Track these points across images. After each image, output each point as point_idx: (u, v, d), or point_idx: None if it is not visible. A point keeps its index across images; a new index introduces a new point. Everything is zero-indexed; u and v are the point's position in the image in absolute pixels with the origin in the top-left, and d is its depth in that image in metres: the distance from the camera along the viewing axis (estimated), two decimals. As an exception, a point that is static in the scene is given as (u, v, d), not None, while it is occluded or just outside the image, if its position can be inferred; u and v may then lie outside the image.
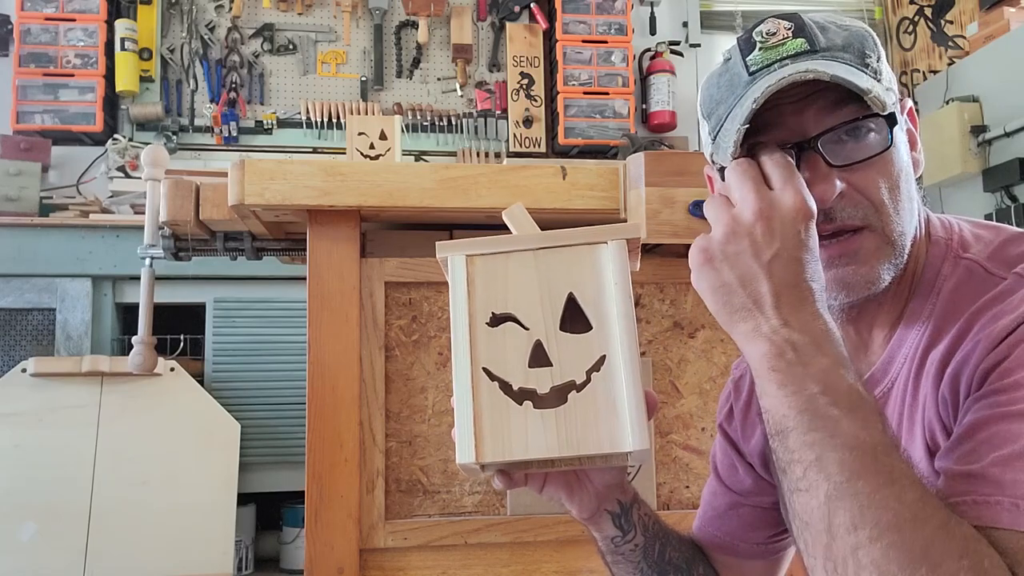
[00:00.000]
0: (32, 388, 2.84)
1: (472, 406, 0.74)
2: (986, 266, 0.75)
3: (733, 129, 0.74)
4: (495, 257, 0.78)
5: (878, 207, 0.74)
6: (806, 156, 0.74)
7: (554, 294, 0.77)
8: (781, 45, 0.75)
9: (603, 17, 3.99)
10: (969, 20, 4.06)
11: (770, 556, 1.01)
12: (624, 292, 0.77)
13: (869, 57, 0.75)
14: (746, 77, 0.76)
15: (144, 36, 3.72)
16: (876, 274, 0.75)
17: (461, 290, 0.77)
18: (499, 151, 3.98)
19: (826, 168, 0.73)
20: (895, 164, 0.75)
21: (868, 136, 0.74)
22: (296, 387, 3.13)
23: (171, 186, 1.47)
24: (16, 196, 3.23)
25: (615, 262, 0.77)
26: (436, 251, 0.78)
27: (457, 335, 0.76)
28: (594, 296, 0.77)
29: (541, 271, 0.78)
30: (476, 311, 0.77)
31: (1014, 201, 3.25)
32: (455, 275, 0.77)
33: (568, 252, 0.78)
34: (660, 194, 1.30)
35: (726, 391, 1.02)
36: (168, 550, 2.76)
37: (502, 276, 0.78)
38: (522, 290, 0.77)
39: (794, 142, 0.74)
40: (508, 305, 0.77)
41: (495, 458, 0.72)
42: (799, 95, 0.74)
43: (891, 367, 0.79)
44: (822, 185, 0.73)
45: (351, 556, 1.30)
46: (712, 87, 0.81)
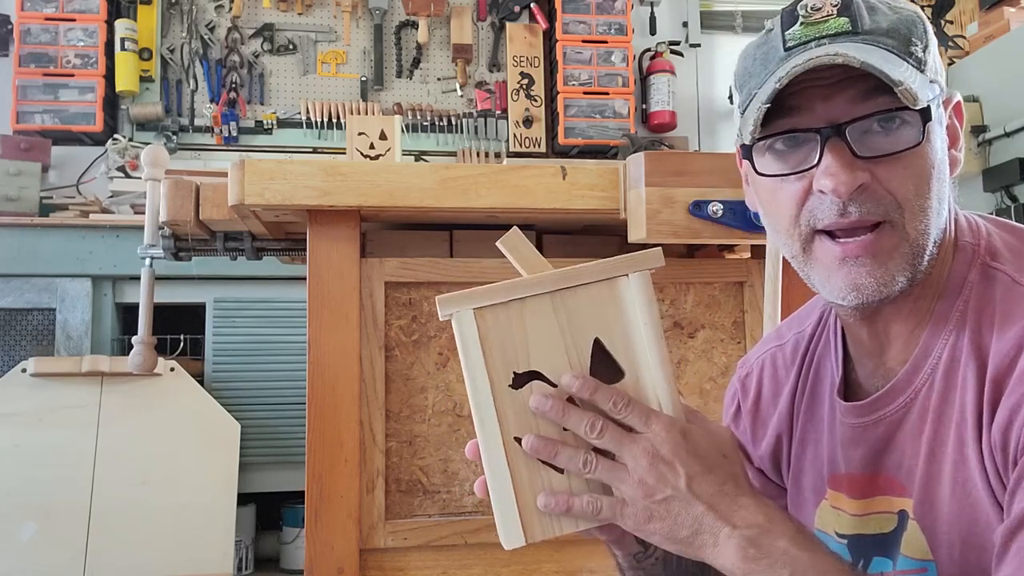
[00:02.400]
0: (32, 388, 2.84)
1: (511, 483, 0.68)
2: (1015, 277, 0.72)
3: (755, 108, 0.71)
4: (508, 307, 0.70)
5: (902, 204, 0.71)
6: (832, 143, 0.70)
7: (579, 342, 0.70)
8: (823, 22, 0.71)
9: (603, 17, 3.99)
10: (969, 20, 4.06)
11: None
12: (655, 331, 0.70)
13: (915, 45, 0.71)
14: (781, 52, 0.72)
15: (144, 36, 3.72)
16: (890, 276, 0.72)
17: (475, 351, 0.69)
18: (499, 151, 3.98)
19: (850, 158, 0.70)
20: (926, 161, 0.71)
21: (900, 129, 0.70)
22: (296, 387, 3.13)
23: (171, 186, 1.47)
24: (16, 196, 3.23)
25: (640, 297, 0.71)
26: (438, 307, 0.70)
27: (479, 402, 0.69)
28: (622, 338, 0.71)
29: (561, 317, 0.70)
30: (496, 373, 0.69)
31: (1014, 201, 3.25)
32: (465, 334, 0.69)
33: (587, 291, 0.71)
34: (660, 194, 1.30)
35: (732, 390, 0.98)
36: (168, 550, 2.76)
37: (519, 329, 0.70)
38: (543, 342, 0.70)
39: (820, 127, 0.71)
40: (531, 362, 0.70)
41: (545, 536, 0.69)
42: (833, 78, 0.70)
43: (916, 377, 0.76)
44: (842, 175, 0.69)
45: (351, 556, 1.30)
46: (748, 58, 0.77)
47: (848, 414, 0.82)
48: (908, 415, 0.76)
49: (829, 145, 0.70)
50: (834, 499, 0.85)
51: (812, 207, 0.73)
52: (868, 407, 0.79)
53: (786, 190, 0.74)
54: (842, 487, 0.83)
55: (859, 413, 0.80)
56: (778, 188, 0.75)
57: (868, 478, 0.80)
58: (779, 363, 0.93)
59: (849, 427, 0.82)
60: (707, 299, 1.46)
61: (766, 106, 0.70)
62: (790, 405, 0.90)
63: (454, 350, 1.43)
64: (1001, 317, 0.70)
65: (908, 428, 0.76)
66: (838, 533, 0.85)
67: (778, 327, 0.98)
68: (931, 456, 0.74)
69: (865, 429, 0.80)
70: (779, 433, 0.92)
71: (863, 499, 0.81)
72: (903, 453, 0.77)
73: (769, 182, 0.76)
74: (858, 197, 0.70)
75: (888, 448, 0.78)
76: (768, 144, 0.74)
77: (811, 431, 0.88)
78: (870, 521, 0.81)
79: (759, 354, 0.96)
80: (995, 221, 0.79)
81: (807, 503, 0.89)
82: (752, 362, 0.97)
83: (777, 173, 0.74)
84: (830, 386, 0.86)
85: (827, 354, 0.88)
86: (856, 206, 0.70)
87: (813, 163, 0.71)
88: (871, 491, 0.80)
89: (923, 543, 0.74)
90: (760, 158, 0.76)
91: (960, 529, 0.71)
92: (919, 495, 0.75)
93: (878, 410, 0.78)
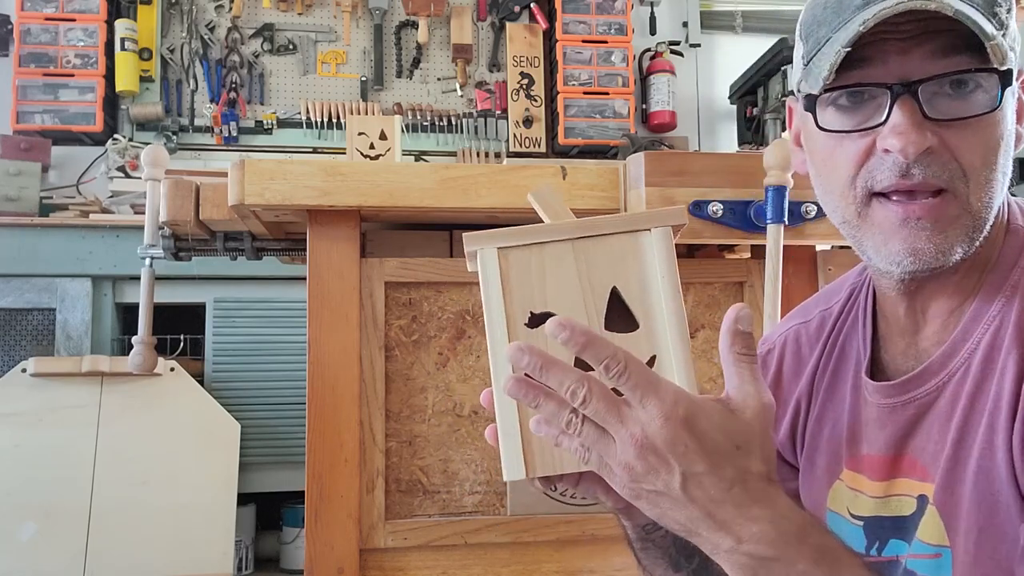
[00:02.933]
0: (32, 388, 2.84)
1: (517, 417, 0.68)
2: None
3: (831, 52, 0.67)
4: (529, 249, 0.70)
5: (968, 172, 0.67)
6: (902, 101, 0.66)
7: (596, 289, 0.70)
8: None
9: (603, 17, 3.99)
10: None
11: None
12: (673, 286, 0.70)
13: (999, 6, 0.68)
14: (858, 0, 0.68)
15: (144, 36, 3.72)
16: (949, 245, 0.68)
17: (495, 289, 0.70)
18: (499, 151, 3.98)
19: (920, 118, 0.66)
20: (997, 130, 0.68)
21: (975, 93, 0.67)
22: (296, 387, 3.13)
23: (171, 186, 1.47)
24: (16, 196, 3.23)
25: (661, 252, 0.70)
26: (464, 244, 0.70)
27: (494, 338, 0.69)
28: (639, 290, 0.70)
29: (580, 264, 0.71)
30: (513, 311, 0.70)
31: (1014, 201, 3.25)
32: (487, 272, 0.70)
33: (608, 241, 0.71)
34: (660, 194, 1.30)
35: None
36: (168, 550, 2.76)
37: (538, 271, 0.71)
38: (561, 286, 0.70)
39: (891, 83, 0.67)
40: (547, 303, 0.70)
41: (546, 472, 0.68)
42: (909, 33, 0.67)
43: (951, 360, 0.73)
44: (912, 135, 0.66)
45: (351, 556, 1.30)
46: (817, 7, 0.72)
47: (876, 394, 0.79)
48: (939, 399, 0.74)
49: (899, 103, 0.67)
50: (852, 480, 0.83)
51: (872, 167, 0.70)
52: (899, 388, 0.77)
53: (845, 148, 0.71)
54: (862, 468, 0.82)
55: (889, 393, 0.78)
56: (836, 146, 0.72)
57: (892, 460, 0.78)
58: (803, 340, 0.91)
59: (876, 407, 0.80)
60: (707, 299, 1.46)
61: (846, 49, 0.65)
62: (810, 382, 0.88)
63: (454, 350, 1.43)
64: None
65: (938, 412, 0.74)
66: (852, 514, 0.83)
67: (804, 304, 0.96)
68: (959, 442, 0.71)
69: (893, 410, 0.78)
70: (797, 411, 0.90)
71: (884, 481, 0.79)
72: (929, 437, 0.75)
73: (827, 139, 0.72)
74: (923, 160, 0.67)
75: (915, 431, 0.76)
76: (832, 99, 0.71)
77: (830, 409, 0.86)
78: (889, 503, 0.79)
79: (782, 331, 0.94)
80: None
81: (820, 482, 0.87)
82: (774, 339, 0.94)
83: (840, 129, 0.71)
84: (855, 365, 0.84)
85: (854, 332, 0.85)
86: (920, 169, 0.67)
87: (880, 121, 0.68)
88: (893, 473, 0.78)
89: (941, 529, 0.73)
90: (822, 112, 0.72)
91: (979, 518, 0.69)
92: (941, 481, 0.73)
93: (909, 391, 0.76)
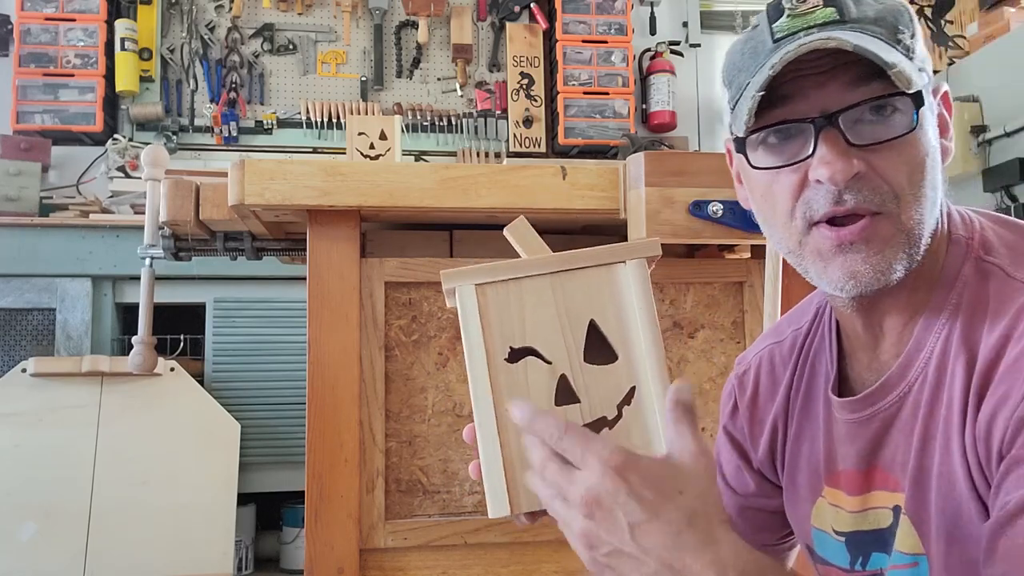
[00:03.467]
0: (32, 388, 2.84)
1: (501, 453, 0.69)
2: (1008, 271, 0.72)
3: (749, 96, 0.71)
4: (507, 285, 0.72)
5: (898, 193, 0.70)
6: (826, 132, 0.70)
7: (575, 322, 0.72)
8: (810, 13, 0.72)
9: (603, 17, 3.99)
10: (969, 20, 4.06)
11: (776, 557, 0.99)
12: (649, 316, 0.72)
13: (902, 33, 0.72)
14: (770, 44, 0.72)
15: (144, 36, 3.72)
16: (887, 264, 0.71)
17: (474, 324, 0.71)
18: (499, 151, 3.98)
19: (844, 146, 0.70)
20: (920, 148, 0.71)
21: (893, 116, 0.70)
22: (296, 387, 3.13)
23: (171, 186, 1.47)
24: (16, 196, 3.23)
25: (636, 283, 0.73)
26: (441, 281, 0.72)
27: (475, 374, 0.70)
28: (616, 322, 0.72)
29: (558, 298, 0.72)
30: (493, 347, 0.71)
31: (1014, 201, 3.25)
32: (466, 308, 0.72)
33: (585, 275, 0.73)
34: (660, 194, 1.30)
35: (729, 388, 0.98)
36: (168, 550, 2.76)
37: (517, 306, 0.72)
38: (540, 320, 0.72)
39: (814, 117, 0.71)
40: (527, 338, 0.72)
41: (531, 508, 0.68)
42: (823, 68, 0.70)
43: (909, 371, 0.75)
44: (838, 164, 0.69)
45: (351, 556, 1.30)
46: (736, 54, 0.77)
47: (842, 410, 0.82)
48: (901, 410, 0.76)
49: (823, 134, 0.70)
50: (832, 496, 0.85)
51: (808, 198, 0.72)
52: (862, 402, 0.79)
53: (781, 183, 0.74)
54: (839, 484, 0.83)
55: (853, 408, 0.80)
56: (772, 181, 0.75)
57: (864, 474, 0.80)
58: (776, 360, 0.93)
59: (844, 423, 0.82)
60: (707, 299, 1.46)
61: (760, 93, 0.69)
62: (785, 402, 0.90)
63: (454, 350, 1.43)
64: (993, 311, 0.70)
65: (901, 423, 0.76)
66: (835, 531, 0.84)
67: (776, 324, 0.98)
68: (922, 451, 0.74)
69: (859, 424, 0.80)
70: (774, 430, 0.91)
71: (860, 495, 0.81)
72: (896, 448, 0.77)
73: (763, 176, 0.75)
74: (854, 185, 0.70)
75: (882, 443, 0.78)
76: (760, 138, 0.74)
77: (807, 428, 0.88)
78: (867, 517, 0.81)
79: (757, 351, 0.96)
80: (988, 215, 0.79)
81: (803, 501, 0.89)
82: (750, 359, 0.96)
83: (772, 166, 0.74)
84: (824, 382, 0.86)
85: (822, 350, 0.87)
86: (852, 194, 0.70)
87: (808, 153, 0.71)
88: (867, 487, 0.80)
89: (915, 538, 0.75)
90: (753, 153, 0.75)
91: (946, 522, 0.71)
92: (910, 490, 0.75)
93: (872, 405, 0.78)
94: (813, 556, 0.89)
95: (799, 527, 0.91)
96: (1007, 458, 0.65)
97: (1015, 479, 0.63)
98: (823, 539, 0.87)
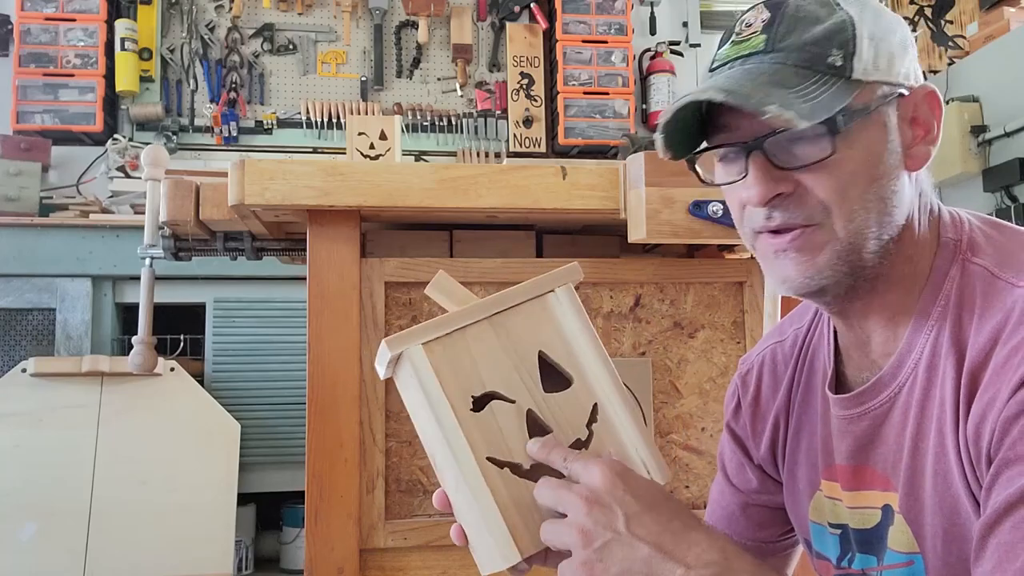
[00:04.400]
0: (32, 388, 2.84)
1: (495, 503, 0.69)
2: (995, 272, 0.73)
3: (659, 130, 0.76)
4: (452, 337, 0.73)
5: (829, 207, 0.73)
6: (753, 156, 0.73)
7: (524, 358, 0.75)
8: (746, 41, 0.76)
9: (603, 17, 3.99)
10: (969, 20, 4.06)
11: (779, 553, 1.00)
12: (590, 336, 0.76)
13: (833, 55, 0.71)
14: (708, 72, 0.77)
15: (144, 36, 3.72)
16: (818, 270, 0.74)
17: (433, 384, 0.71)
18: (499, 151, 3.98)
19: (768, 169, 0.73)
20: (850, 165, 0.73)
21: (815, 141, 0.72)
22: (296, 387, 3.13)
23: (171, 186, 1.47)
24: (16, 196, 3.23)
25: (569, 308, 0.76)
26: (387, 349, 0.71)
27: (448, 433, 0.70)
28: (563, 348, 0.76)
29: (503, 338, 0.74)
30: (456, 401, 0.71)
31: (1014, 201, 3.25)
32: (420, 370, 0.71)
33: (520, 311, 0.76)
34: (660, 194, 1.30)
35: (732, 386, 1.00)
36: (168, 550, 2.76)
37: (466, 356, 0.73)
38: (492, 364, 0.73)
39: (744, 141, 0.74)
40: (484, 383, 0.73)
41: (538, 548, 0.70)
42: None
43: (900, 371, 0.77)
44: (758, 187, 0.73)
45: (351, 556, 1.30)
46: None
47: (836, 406, 0.83)
48: (893, 409, 0.78)
49: (752, 158, 0.74)
50: (829, 489, 0.86)
51: (748, 212, 0.77)
52: (854, 400, 0.81)
53: (731, 197, 0.80)
54: (836, 477, 0.85)
55: (846, 405, 0.82)
56: (729, 192, 0.80)
57: (855, 470, 0.82)
58: (779, 359, 0.94)
59: (838, 419, 0.83)
60: (707, 299, 1.46)
61: (660, 135, 0.76)
62: (787, 398, 0.92)
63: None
64: (980, 311, 0.71)
65: (893, 422, 0.78)
66: (831, 523, 0.86)
67: (779, 323, 1.00)
68: (914, 450, 0.75)
69: (851, 422, 0.81)
70: (776, 426, 0.93)
71: (852, 491, 0.82)
72: (888, 447, 0.78)
73: (724, 188, 0.80)
74: (780, 204, 0.74)
75: (874, 442, 0.80)
76: (719, 155, 0.78)
77: (806, 423, 0.89)
78: (855, 515, 0.82)
79: (760, 350, 0.98)
80: (979, 217, 0.80)
81: (802, 495, 0.90)
82: (753, 358, 0.98)
83: (722, 182, 0.79)
84: (822, 378, 0.87)
85: (820, 347, 0.89)
86: (779, 212, 0.74)
87: (743, 175, 0.75)
88: (858, 484, 0.82)
89: (909, 536, 0.76)
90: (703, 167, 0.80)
91: (942, 521, 0.72)
92: (904, 489, 0.76)
93: (864, 403, 0.80)
94: (811, 551, 0.91)
95: (798, 522, 0.93)
96: (996, 460, 0.66)
97: (1004, 480, 0.64)
98: (820, 533, 0.88)
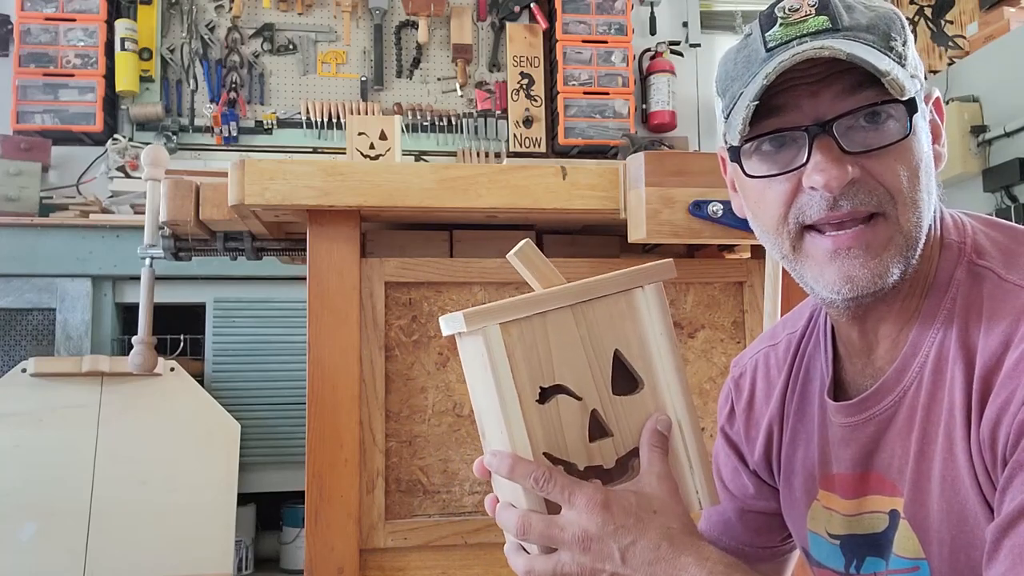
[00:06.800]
0: (32, 388, 2.84)
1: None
2: (1001, 274, 0.72)
3: (743, 106, 0.71)
4: (532, 321, 0.69)
5: (894, 195, 0.71)
6: (820, 140, 0.70)
7: (600, 354, 0.71)
8: (803, 22, 0.72)
9: (603, 17, 3.99)
10: (969, 20, 4.06)
11: (777, 558, 1.00)
12: (670, 340, 0.72)
13: (894, 40, 0.72)
14: (763, 54, 0.72)
15: (144, 36, 3.72)
16: (884, 267, 0.71)
17: (504, 368, 0.68)
18: (499, 151, 3.98)
19: (839, 153, 0.70)
20: (914, 153, 0.72)
21: (887, 123, 0.71)
22: (296, 387, 3.13)
23: (171, 186, 1.47)
24: (16, 196, 3.23)
25: (655, 308, 0.72)
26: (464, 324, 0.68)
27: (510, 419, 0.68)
28: (639, 349, 0.72)
29: (582, 330, 0.70)
30: (523, 388, 0.68)
31: (1014, 201, 3.25)
32: (494, 350, 0.68)
33: (605, 303, 0.71)
34: (660, 194, 1.30)
35: (726, 390, 0.99)
36: (168, 550, 2.76)
37: (543, 342, 0.69)
38: (567, 355, 0.70)
39: (808, 125, 0.71)
40: (556, 375, 0.69)
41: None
42: (817, 76, 0.71)
43: (904, 376, 0.76)
44: (833, 171, 0.69)
45: (351, 556, 1.30)
46: (729, 63, 0.77)
47: (838, 414, 0.82)
48: (897, 414, 0.76)
49: (817, 142, 0.70)
50: (826, 499, 0.85)
51: (801, 204, 0.73)
52: (857, 406, 0.79)
53: (774, 189, 0.74)
54: (834, 487, 0.83)
55: (848, 413, 0.80)
56: (766, 188, 0.75)
57: (859, 477, 0.80)
58: (772, 363, 0.93)
59: (839, 427, 0.82)
60: (707, 299, 1.46)
61: (754, 103, 0.70)
62: (780, 405, 0.90)
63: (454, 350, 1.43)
64: (988, 314, 0.70)
65: (897, 427, 0.76)
66: (830, 534, 0.85)
67: (772, 327, 0.99)
68: (920, 455, 0.74)
69: (854, 429, 0.80)
70: (769, 433, 0.92)
71: (854, 499, 0.81)
72: (893, 452, 0.77)
73: (757, 183, 0.76)
74: (849, 191, 0.70)
75: (878, 447, 0.78)
76: (754, 147, 0.74)
77: (801, 431, 0.88)
78: (862, 521, 0.81)
79: (752, 354, 0.96)
80: (980, 218, 0.79)
81: (798, 504, 0.89)
82: (745, 362, 0.97)
83: (766, 174, 0.74)
84: (820, 386, 0.86)
85: (817, 354, 0.88)
86: (847, 199, 0.71)
87: (803, 162, 0.72)
88: (862, 491, 0.80)
89: (915, 542, 0.75)
90: (747, 161, 0.76)
91: (950, 527, 0.71)
92: (909, 494, 0.75)
93: (867, 409, 0.79)
94: (809, 559, 0.90)
95: (796, 530, 0.92)
96: (1010, 463, 0.65)
97: (1019, 483, 0.64)
98: (818, 542, 0.87)
